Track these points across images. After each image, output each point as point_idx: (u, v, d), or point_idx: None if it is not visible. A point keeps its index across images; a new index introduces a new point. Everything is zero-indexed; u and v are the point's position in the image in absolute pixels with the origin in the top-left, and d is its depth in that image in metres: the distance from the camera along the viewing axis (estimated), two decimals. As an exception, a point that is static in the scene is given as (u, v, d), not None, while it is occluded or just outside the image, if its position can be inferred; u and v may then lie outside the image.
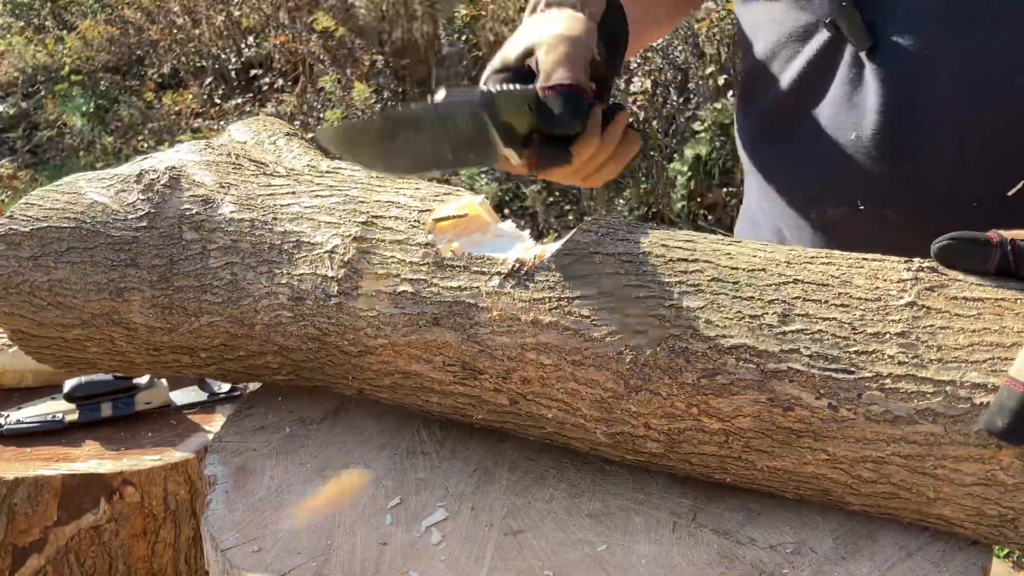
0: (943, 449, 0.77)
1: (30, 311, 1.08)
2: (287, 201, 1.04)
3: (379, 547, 0.88)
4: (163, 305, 1.04)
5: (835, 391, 0.79)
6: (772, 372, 0.80)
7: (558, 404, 0.90)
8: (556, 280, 0.89)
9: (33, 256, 1.07)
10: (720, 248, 0.89)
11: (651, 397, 0.84)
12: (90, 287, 1.05)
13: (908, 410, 0.77)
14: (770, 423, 0.81)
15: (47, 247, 1.07)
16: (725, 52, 2.95)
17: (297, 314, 0.99)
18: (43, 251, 1.07)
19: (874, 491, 0.82)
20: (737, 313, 0.83)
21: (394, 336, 0.94)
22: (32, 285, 1.07)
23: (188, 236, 1.05)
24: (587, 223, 0.94)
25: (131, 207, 1.07)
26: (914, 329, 0.79)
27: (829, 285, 0.84)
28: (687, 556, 0.84)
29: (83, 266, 1.06)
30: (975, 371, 0.76)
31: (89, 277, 1.05)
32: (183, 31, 4.31)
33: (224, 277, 1.02)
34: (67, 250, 1.06)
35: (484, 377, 0.92)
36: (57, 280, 1.06)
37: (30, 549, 1.32)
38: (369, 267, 0.96)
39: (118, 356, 1.11)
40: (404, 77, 3.69)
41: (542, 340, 0.88)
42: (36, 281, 1.07)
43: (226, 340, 1.04)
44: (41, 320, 1.09)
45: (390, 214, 0.99)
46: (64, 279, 1.06)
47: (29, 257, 1.07)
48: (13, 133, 4.50)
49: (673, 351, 0.83)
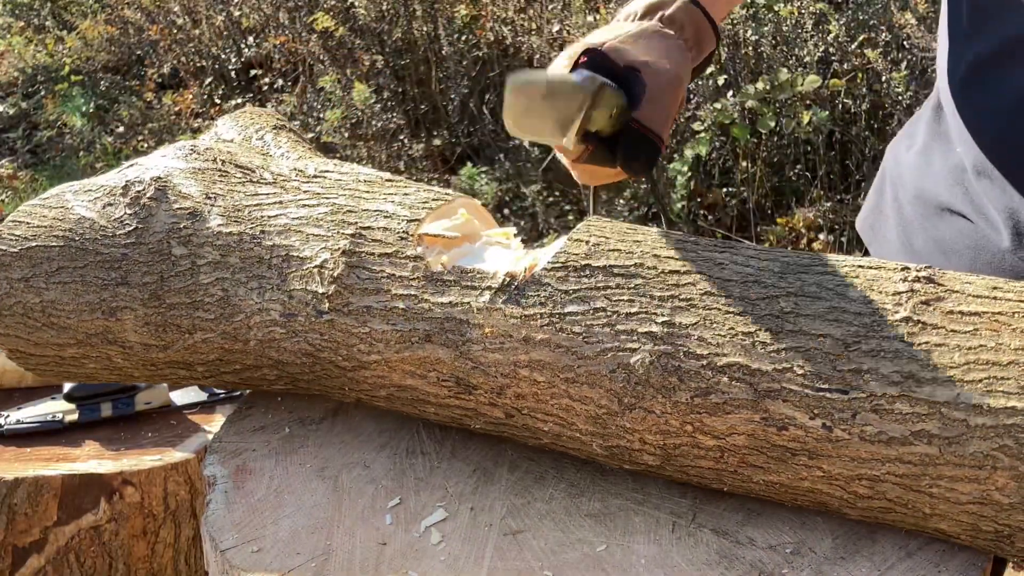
0: (938, 469, 0.76)
1: (25, 332, 1.08)
2: (274, 212, 1.04)
3: (379, 547, 0.88)
4: (156, 323, 1.04)
5: (829, 411, 0.78)
6: (765, 391, 0.80)
7: (553, 419, 0.89)
8: (547, 295, 0.88)
9: (24, 277, 1.07)
10: (713, 256, 0.88)
11: (645, 415, 0.84)
12: (83, 307, 1.05)
13: (902, 431, 0.76)
14: (764, 441, 0.81)
15: (37, 267, 1.06)
16: (725, 52, 2.94)
17: (290, 330, 0.98)
18: (34, 272, 1.06)
19: (870, 506, 0.81)
20: (730, 330, 0.82)
21: (387, 352, 0.94)
22: (25, 307, 1.07)
23: (177, 251, 1.04)
24: (579, 231, 0.93)
25: (118, 223, 1.06)
26: (908, 348, 0.78)
27: (823, 298, 0.83)
28: (687, 556, 0.84)
29: (74, 286, 1.05)
30: (971, 391, 0.75)
31: (81, 297, 1.05)
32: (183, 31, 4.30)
33: (215, 293, 1.02)
34: (57, 270, 1.06)
35: (479, 392, 0.91)
36: (49, 301, 1.06)
37: (30, 549, 1.32)
38: (359, 282, 0.96)
39: (116, 371, 1.11)
40: (404, 77, 3.68)
41: (535, 357, 0.87)
42: (29, 303, 1.06)
43: (221, 355, 1.04)
44: (37, 340, 1.08)
45: (379, 225, 0.98)
46: (56, 300, 1.05)
47: (20, 279, 1.07)
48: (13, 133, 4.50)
49: (666, 370, 0.82)
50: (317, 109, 3.65)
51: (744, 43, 2.90)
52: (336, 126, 3.41)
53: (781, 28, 2.85)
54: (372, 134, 3.45)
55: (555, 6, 3.38)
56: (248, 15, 4.12)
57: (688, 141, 2.95)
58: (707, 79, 2.88)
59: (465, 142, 3.61)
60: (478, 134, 3.61)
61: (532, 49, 3.37)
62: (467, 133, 3.62)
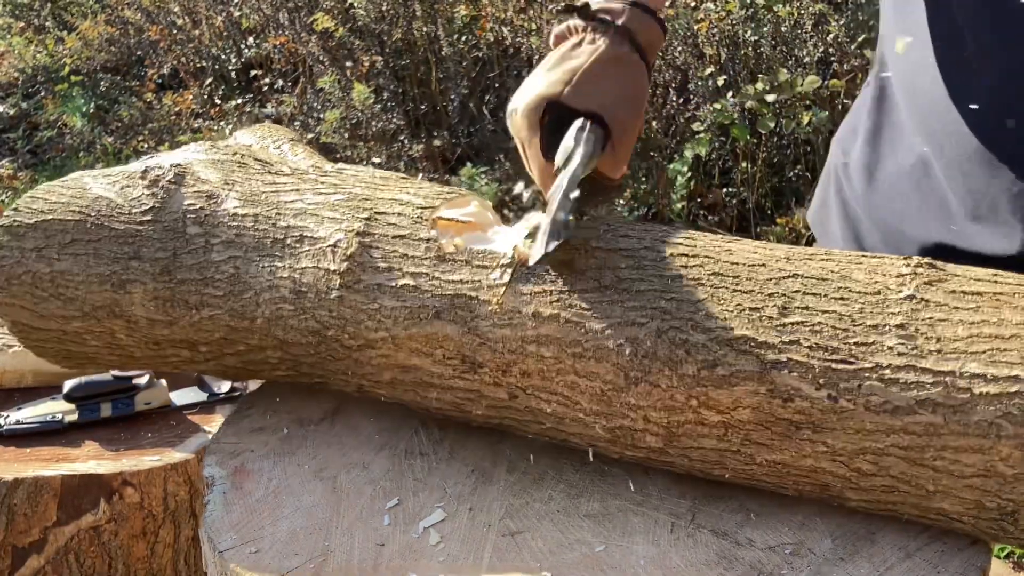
0: (942, 439, 0.77)
1: (31, 302, 1.09)
2: (291, 198, 1.05)
3: (377, 548, 0.88)
4: (165, 297, 1.04)
5: (835, 381, 0.79)
6: (772, 363, 0.81)
7: (557, 398, 0.90)
8: (557, 273, 0.89)
9: (37, 248, 1.08)
10: (720, 245, 0.90)
11: (651, 389, 0.84)
12: (92, 279, 1.06)
13: (907, 400, 0.77)
14: (769, 415, 0.82)
15: (51, 239, 1.07)
16: (725, 52, 2.95)
17: (298, 307, 0.99)
18: (47, 243, 1.07)
19: (873, 485, 0.82)
20: (737, 306, 0.84)
21: (395, 329, 0.95)
22: (35, 276, 1.07)
23: (192, 230, 1.05)
24: (588, 221, 0.95)
25: (136, 202, 1.08)
26: (913, 321, 0.80)
27: (828, 279, 0.84)
28: (686, 557, 0.84)
29: (86, 258, 1.06)
30: (974, 361, 0.76)
31: (92, 269, 1.06)
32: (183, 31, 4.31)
33: (226, 271, 1.03)
34: (71, 242, 1.07)
35: (484, 371, 0.92)
36: (59, 271, 1.07)
37: (30, 549, 1.32)
38: (371, 261, 0.97)
39: (117, 350, 1.11)
40: (404, 78, 3.69)
41: (542, 332, 0.88)
42: (39, 272, 1.07)
43: (226, 334, 1.05)
44: (42, 312, 1.09)
45: (393, 210, 1.00)
46: (67, 270, 1.06)
47: (33, 248, 1.08)
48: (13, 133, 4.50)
49: (673, 343, 0.84)
50: (317, 109, 3.66)
51: (744, 43, 2.92)
52: (336, 126, 3.42)
53: (780, 29, 2.86)
54: (372, 134, 3.46)
55: (555, 6, 3.40)
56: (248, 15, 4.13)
57: (688, 141, 2.96)
58: (707, 79, 2.90)
59: (465, 142, 3.62)
60: (478, 134, 3.62)
61: (532, 49, 3.38)
62: (467, 133, 3.63)
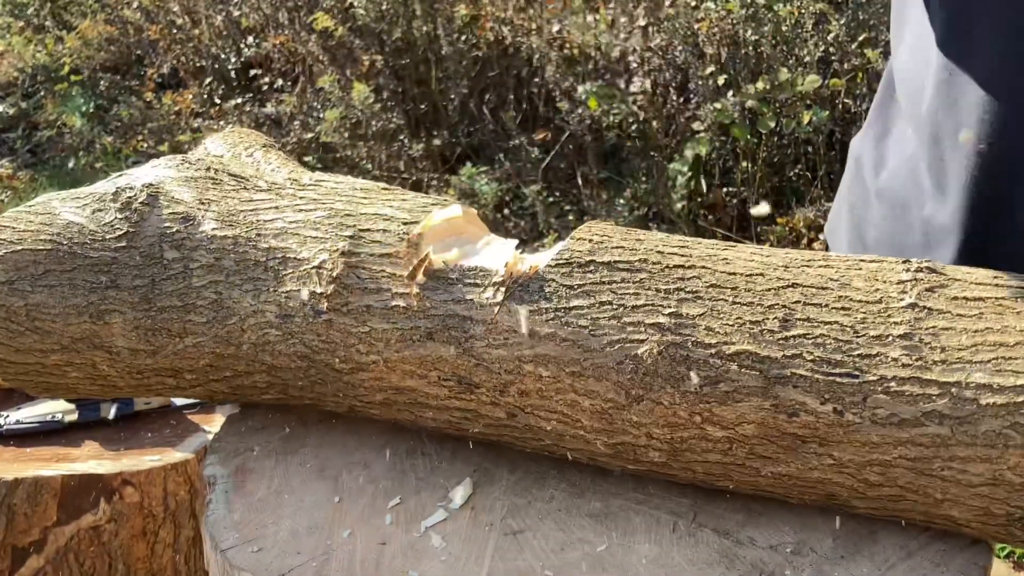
0: (950, 450, 0.76)
1: (7, 337, 1.05)
2: (270, 216, 1.02)
3: (379, 547, 0.88)
4: (146, 327, 1.01)
5: (840, 395, 0.78)
6: (776, 378, 0.79)
7: (557, 416, 0.88)
8: (552, 291, 0.88)
9: (9, 281, 1.03)
10: (716, 254, 0.89)
11: (653, 407, 0.83)
12: (69, 310, 1.02)
13: (914, 412, 0.76)
14: (775, 429, 0.80)
15: (22, 271, 1.03)
16: (725, 52, 2.94)
17: (285, 332, 0.97)
18: (18, 275, 1.03)
19: (880, 494, 0.81)
20: (737, 319, 0.82)
21: (387, 352, 0.92)
22: (8, 310, 1.04)
23: (169, 255, 1.02)
24: (580, 231, 0.93)
25: (108, 227, 1.04)
26: (917, 331, 0.79)
27: (828, 288, 0.83)
28: (687, 556, 0.84)
29: (61, 289, 1.02)
30: (980, 371, 0.75)
31: (68, 300, 1.02)
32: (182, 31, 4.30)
33: (208, 296, 1.00)
34: (44, 273, 1.03)
35: (481, 391, 0.90)
36: (34, 304, 1.03)
37: (30, 549, 1.32)
38: (358, 282, 0.94)
39: (100, 380, 1.08)
40: (404, 77, 3.68)
41: (539, 352, 0.86)
42: (12, 306, 1.03)
43: (212, 361, 1.02)
44: (19, 346, 1.05)
45: (378, 227, 0.97)
46: (42, 303, 1.03)
47: (4, 282, 1.03)
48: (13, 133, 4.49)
49: (674, 359, 0.82)
50: (317, 109, 3.65)
51: (744, 43, 2.91)
52: (335, 126, 3.41)
53: (781, 28, 2.86)
54: (372, 134, 3.45)
55: (555, 6, 3.39)
56: (248, 15, 4.12)
57: (688, 141, 2.95)
58: (707, 79, 2.89)
59: (465, 142, 3.61)
60: (478, 134, 3.61)
61: (532, 49, 3.37)
62: (467, 133, 3.62)
